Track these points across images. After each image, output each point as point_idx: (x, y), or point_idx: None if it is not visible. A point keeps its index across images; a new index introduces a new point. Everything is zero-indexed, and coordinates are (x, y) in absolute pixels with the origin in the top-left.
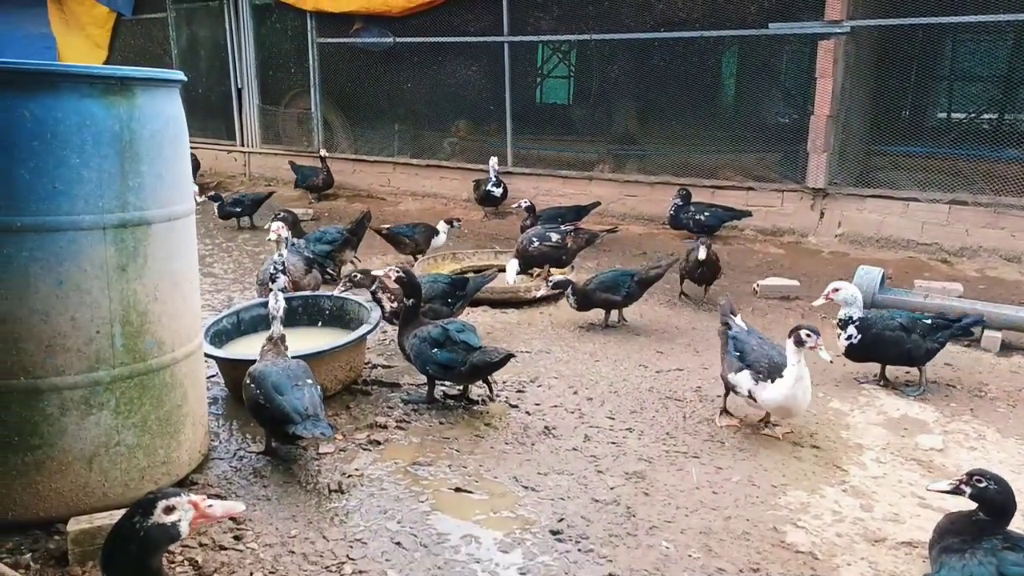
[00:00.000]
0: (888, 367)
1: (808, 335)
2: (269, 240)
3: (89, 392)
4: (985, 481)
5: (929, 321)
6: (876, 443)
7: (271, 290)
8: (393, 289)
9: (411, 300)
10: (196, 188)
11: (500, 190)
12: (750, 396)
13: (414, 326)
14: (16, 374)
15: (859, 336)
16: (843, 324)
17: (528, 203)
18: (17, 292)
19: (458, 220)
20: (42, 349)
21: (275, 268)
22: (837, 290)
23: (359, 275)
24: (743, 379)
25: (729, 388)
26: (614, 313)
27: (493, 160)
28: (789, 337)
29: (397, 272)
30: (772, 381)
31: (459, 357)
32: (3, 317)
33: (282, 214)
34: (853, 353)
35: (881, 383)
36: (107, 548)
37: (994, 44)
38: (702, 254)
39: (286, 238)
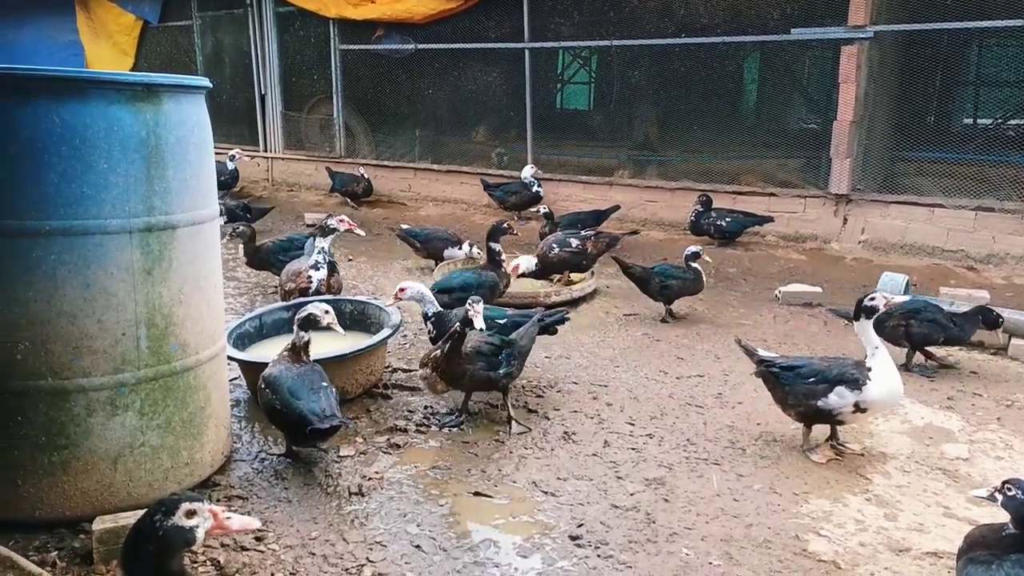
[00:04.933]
0: None
1: (872, 299)
2: (329, 225)
3: (114, 393)
4: (1015, 490)
5: (503, 320)
6: (900, 452)
7: (308, 277)
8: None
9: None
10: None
11: (541, 189)
12: (856, 409)
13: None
14: (44, 375)
15: (435, 331)
16: (424, 319)
17: (546, 209)
18: (45, 295)
19: (480, 251)
20: (69, 351)
21: (322, 256)
22: (403, 290)
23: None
24: (842, 395)
25: (816, 418)
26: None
27: (532, 168)
28: (861, 316)
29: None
30: (869, 380)
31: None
32: (31, 319)
33: (240, 228)
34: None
35: None
36: (127, 543)
37: (1021, 49)
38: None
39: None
